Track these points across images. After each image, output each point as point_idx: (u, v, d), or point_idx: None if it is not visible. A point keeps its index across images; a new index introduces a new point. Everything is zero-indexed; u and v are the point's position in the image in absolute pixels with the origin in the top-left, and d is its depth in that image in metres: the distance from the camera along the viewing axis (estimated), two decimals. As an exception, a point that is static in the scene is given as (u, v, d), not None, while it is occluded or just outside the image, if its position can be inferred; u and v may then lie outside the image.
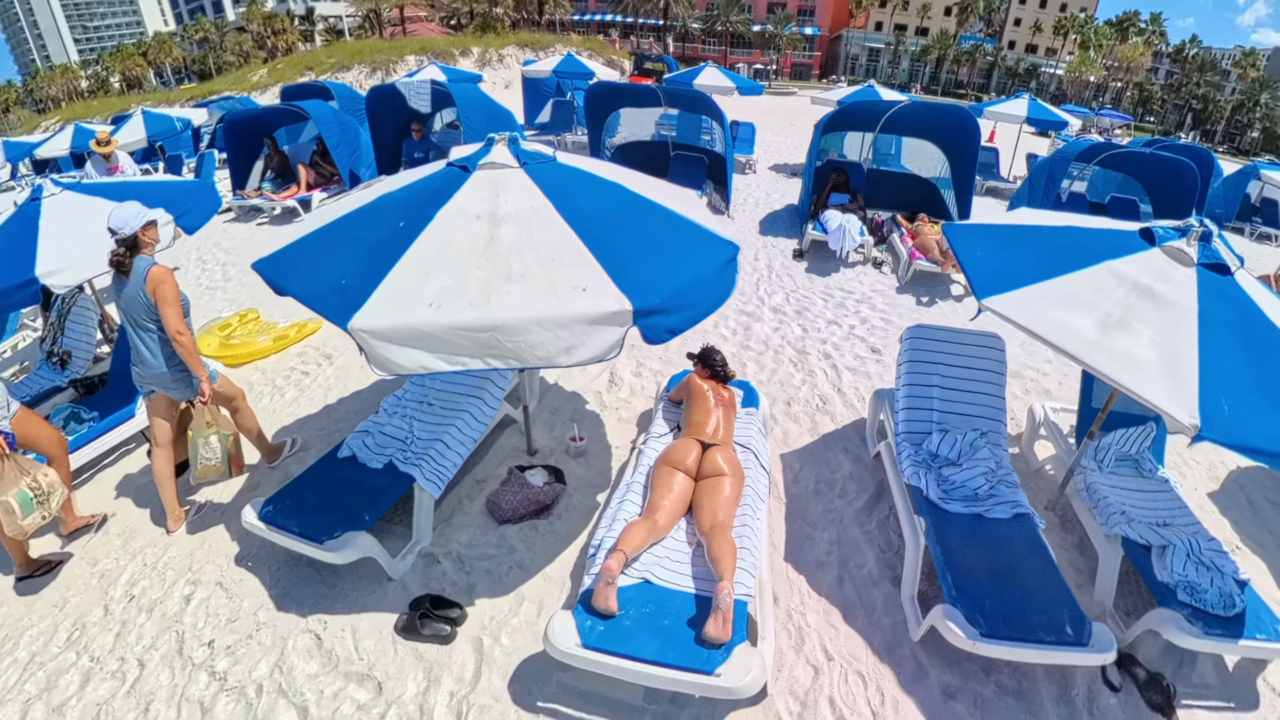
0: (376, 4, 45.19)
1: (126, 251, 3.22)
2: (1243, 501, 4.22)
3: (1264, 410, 2.14)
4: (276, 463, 4.23)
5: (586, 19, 67.30)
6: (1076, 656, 2.57)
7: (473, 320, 2.25)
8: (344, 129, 9.45)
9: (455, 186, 2.76)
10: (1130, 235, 2.78)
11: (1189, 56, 68.94)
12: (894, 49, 70.54)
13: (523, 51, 27.69)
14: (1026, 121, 13.27)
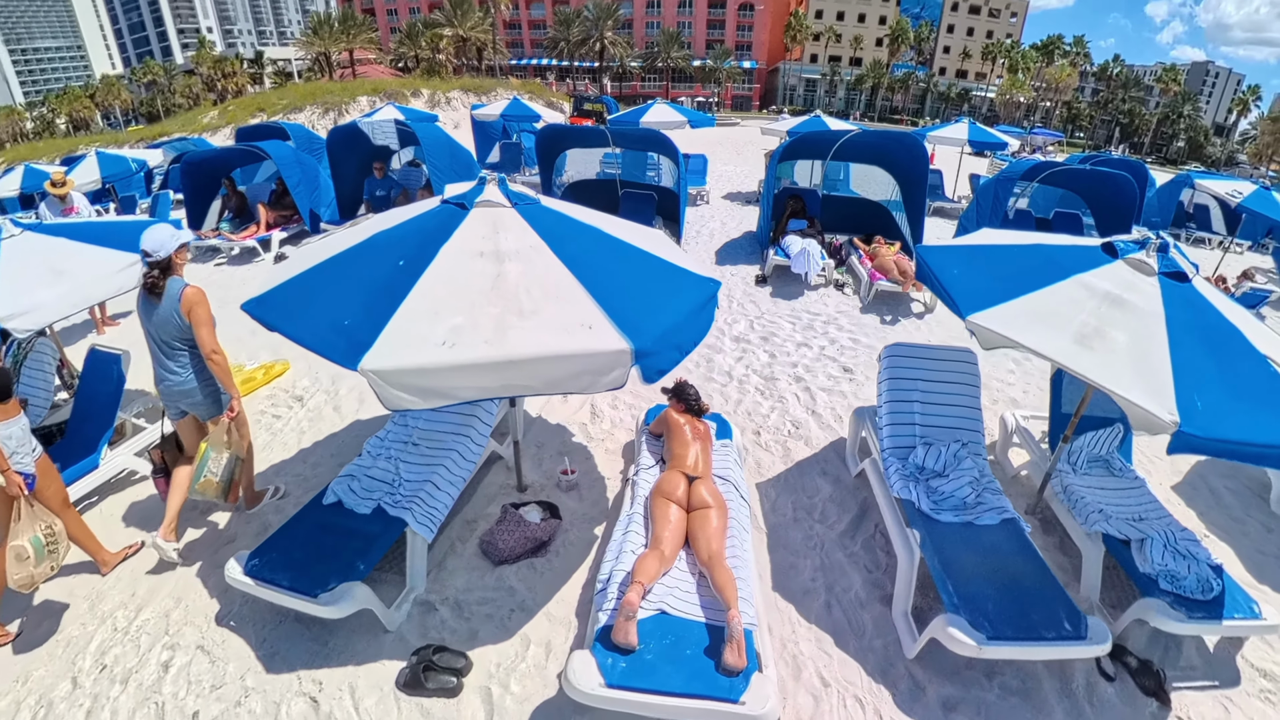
0: (326, 47, 48.01)
1: (160, 273, 3.35)
2: (1205, 492, 4.60)
3: (1232, 404, 2.40)
4: (255, 509, 4.14)
5: (523, 63, 71.80)
6: (1077, 650, 2.76)
7: (489, 357, 2.32)
8: (304, 168, 9.63)
9: (455, 223, 2.86)
10: (1094, 250, 3.08)
11: (1113, 75, 75.38)
12: (830, 79, 75.09)
13: (467, 95, 29.30)
14: (968, 144, 14.16)
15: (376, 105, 23.24)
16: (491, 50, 57.72)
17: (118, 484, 4.44)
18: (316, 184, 9.86)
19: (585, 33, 63.92)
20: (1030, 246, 3.35)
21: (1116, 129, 72.78)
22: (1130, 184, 8.71)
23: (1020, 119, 66.12)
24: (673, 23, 74.64)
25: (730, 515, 3.42)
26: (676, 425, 3.90)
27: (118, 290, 3.92)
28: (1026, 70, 69.10)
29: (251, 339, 6.72)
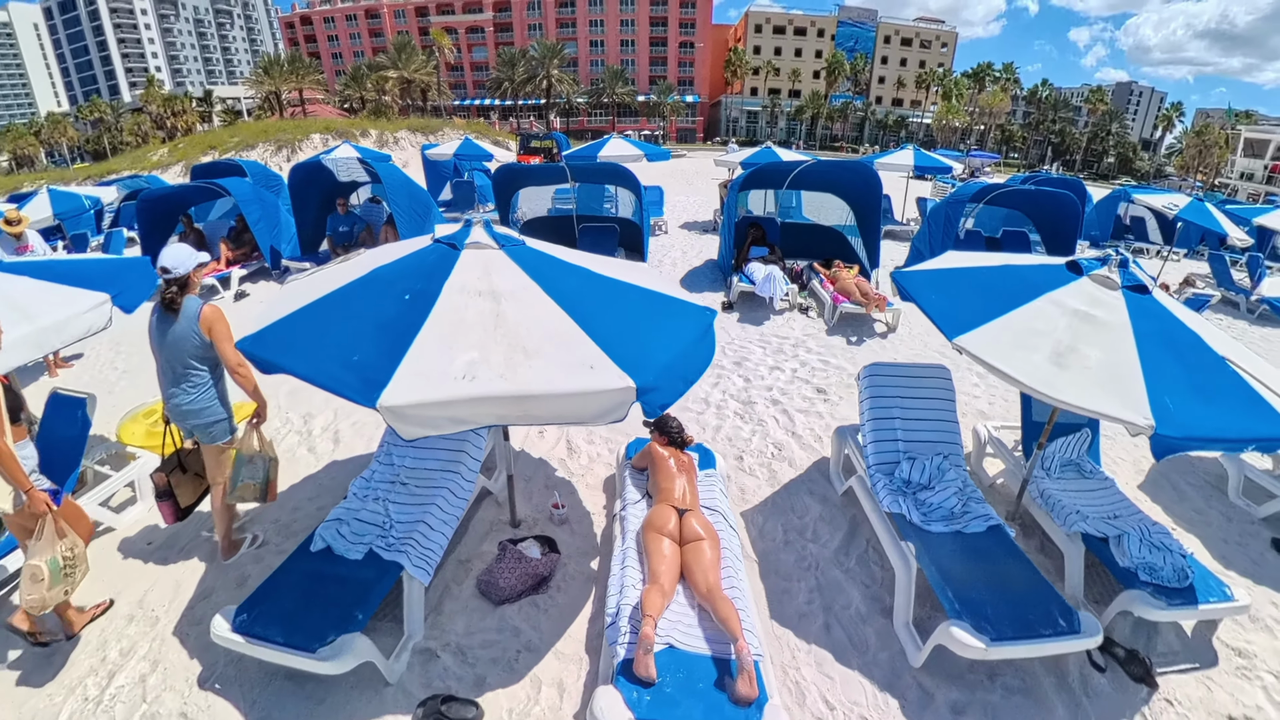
0: (277, 86, 50.21)
1: (179, 291, 3.49)
2: (1168, 488, 4.99)
3: (1199, 403, 2.68)
4: (231, 559, 4.03)
5: (467, 104, 74.46)
6: (1072, 643, 2.98)
7: (506, 391, 2.42)
8: (264, 205, 9.75)
9: (450, 262, 2.95)
10: (1060, 269, 3.40)
11: (1042, 97, 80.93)
12: (771, 110, 78.65)
13: (414, 134, 30.57)
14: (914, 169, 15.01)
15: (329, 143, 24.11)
16: (436, 92, 60.75)
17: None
18: (277, 220, 9.98)
19: (530, 71, 66.74)
20: (1000, 268, 3.66)
21: (1049, 148, 78.25)
22: (1073, 201, 9.44)
23: (957, 143, 70.21)
24: (616, 60, 77.98)
25: (722, 545, 3.52)
26: (661, 459, 3.96)
27: (86, 331, 3.81)
28: (960, 97, 73.76)
29: None
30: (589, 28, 78.54)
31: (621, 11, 77.75)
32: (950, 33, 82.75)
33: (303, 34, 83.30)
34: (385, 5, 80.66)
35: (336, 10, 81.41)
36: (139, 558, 4.07)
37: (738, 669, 2.71)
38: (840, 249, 10.58)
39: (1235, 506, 4.80)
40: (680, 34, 78.92)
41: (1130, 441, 5.63)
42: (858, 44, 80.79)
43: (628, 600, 3.10)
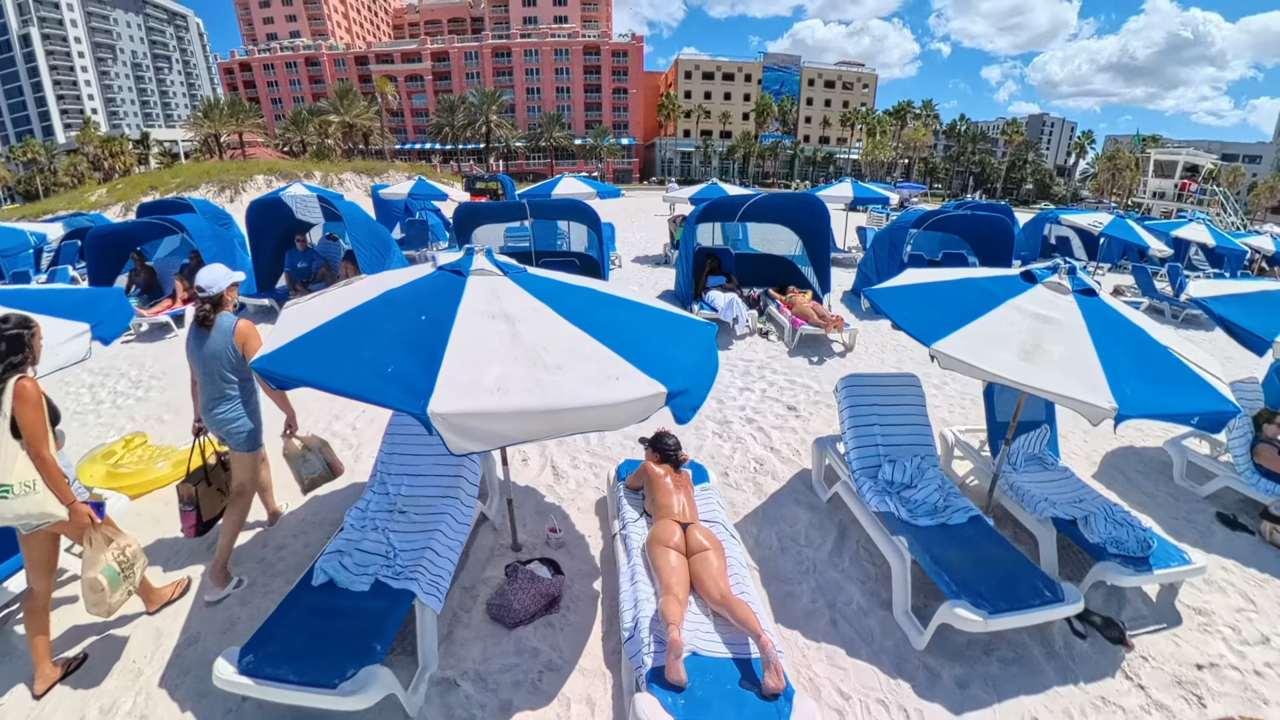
0: (217, 129, 51.19)
1: (211, 308, 3.74)
2: (1120, 476, 5.52)
3: (1150, 386, 3.07)
4: (217, 599, 3.90)
5: (408, 147, 76.85)
6: (1058, 610, 3.30)
7: (537, 404, 2.52)
8: (219, 241, 9.78)
9: (459, 288, 3.06)
10: (1015, 279, 3.81)
11: (961, 131, 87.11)
12: (704, 151, 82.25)
13: (360, 176, 31.17)
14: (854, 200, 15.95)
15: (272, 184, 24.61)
16: (378, 136, 62.77)
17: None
18: (233, 257, 9.97)
19: (470, 117, 68.92)
20: (961, 281, 4.05)
21: (970, 178, 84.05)
22: (1006, 224, 10.31)
23: (884, 176, 74.30)
24: (552, 106, 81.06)
25: (727, 554, 3.65)
26: (656, 477, 4.06)
27: (66, 361, 3.69)
28: (884, 133, 78.44)
29: (175, 418, 6.45)
30: (525, 76, 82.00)
31: (556, 61, 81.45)
32: (871, 75, 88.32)
33: (242, 79, 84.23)
34: (326, 54, 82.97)
35: (276, 58, 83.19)
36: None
37: (763, 664, 2.85)
38: (791, 276, 11.12)
39: (1180, 488, 5.35)
40: (614, 80, 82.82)
41: (1082, 436, 6.15)
42: (783, 87, 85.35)
43: (644, 613, 3.20)
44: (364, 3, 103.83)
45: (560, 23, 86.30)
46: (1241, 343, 4.49)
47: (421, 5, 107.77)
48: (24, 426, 2.92)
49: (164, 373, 7.81)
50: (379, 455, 4.51)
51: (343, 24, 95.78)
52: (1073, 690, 3.28)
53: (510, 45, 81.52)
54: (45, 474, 2.97)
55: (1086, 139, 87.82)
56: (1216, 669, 3.49)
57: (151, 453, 5.54)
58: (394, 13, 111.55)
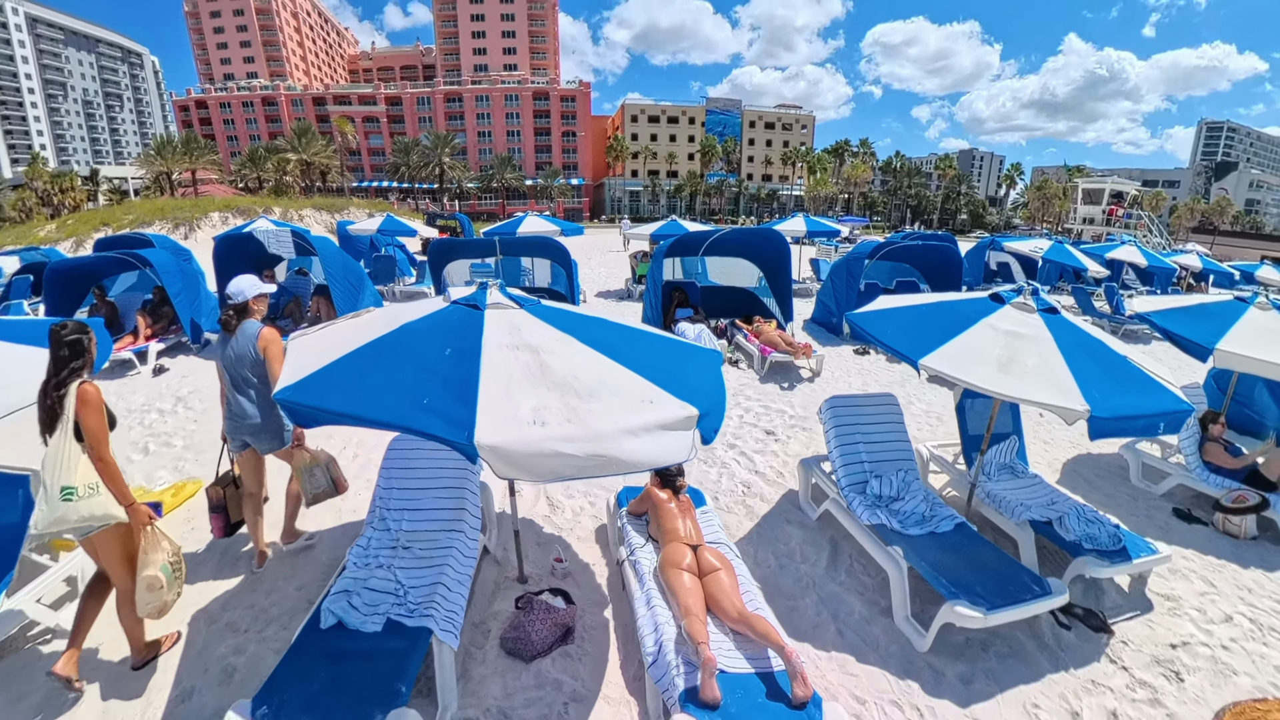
0: (169, 167, 50.84)
1: (234, 315, 3.97)
2: (1082, 481, 5.94)
3: (1116, 390, 3.41)
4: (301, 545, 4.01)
5: (365, 185, 77.95)
6: (1048, 603, 3.57)
7: (575, 434, 2.52)
8: (185, 277, 9.66)
9: (478, 321, 3.06)
10: (985, 300, 4.17)
11: (897, 167, 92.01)
12: (651, 189, 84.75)
13: (320, 213, 31.10)
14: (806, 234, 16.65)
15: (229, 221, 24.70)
16: (336, 174, 63.94)
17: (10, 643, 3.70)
18: (198, 293, 9.86)
19: (425, 158, 70.36)
20: (935, 304, 4.40)
21: (908, 210, 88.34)
22: (955, 252, 10.99)
23: (826, 210, 77.34)
24: (503, 148, 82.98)
25: (737, 572, 3.75)
26: (660, 501, 4.12)
27: None
28: (824, 170, 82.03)
29: (144, 458, 6.22)
30: (476, 120, 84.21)
31: (506, 106, 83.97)
32: (808, 116, 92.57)
33: (197, 117, 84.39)
34: (283, 94, 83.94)
35: (233, 97, 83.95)
36: (86, 661, 3.59)
37: (789, 674, 2.92)
38: (754, 306, 11.54)
39: (1138, 488, 5.81)
40: (563, 124, 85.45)
41: (1043, 446, 6.57)
42: (726, 128, 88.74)
43: (667, 636, 3.21)
44: (321, 48, 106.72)
45: (510, 70, 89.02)
46: (1185, 351, 4.96)
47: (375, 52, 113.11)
48: (86, 430, 3.05)
49: (127, 411, 7.54)
50: (376, 491, 4.38)
51: (300, 66, 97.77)
52: (1065, 676, 3.54)
53: (462, 91, 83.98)
54: (106, 476, 3.10)
55: (1015, 171, 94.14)
56: (1189, 647, 3.83)
57: None
58: (349, 59, 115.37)
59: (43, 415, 3.10)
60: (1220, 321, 4.92)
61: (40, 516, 3.02)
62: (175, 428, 7.05)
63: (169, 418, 7.38)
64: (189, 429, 6.99)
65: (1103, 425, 3.20)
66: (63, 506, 2.99)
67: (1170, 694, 3.48)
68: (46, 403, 3.08)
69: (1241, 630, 4.02)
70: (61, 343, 3.08)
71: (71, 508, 3.00)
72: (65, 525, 3.02)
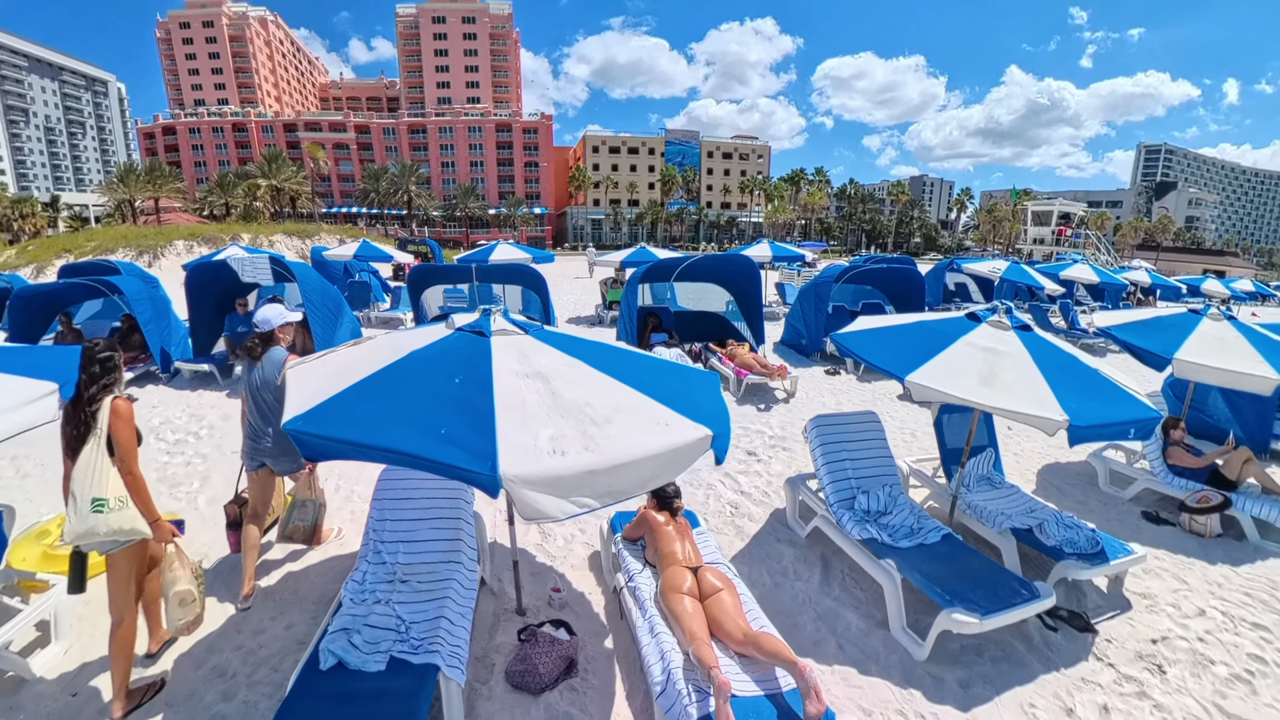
0: (132, 194, 50.29)
1: (260, 343, 4.20)
2: (1054, 490, 6.20)
3: (1090, 400, 3.62)
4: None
5: (335, 210, 78.77)
6: (1036, 606, 3.72)
7: (595, 463, 2.49)
8: (155, 304, 9.47)
9: (484, 349, 3.01)
10: (962, 320, 4.38)
11: (851, 194, 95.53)
12: (613, 218, 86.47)
13: (290, 239, 31.18)
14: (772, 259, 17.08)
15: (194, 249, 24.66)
16: (306, 200, 64.32)
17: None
18: (167, 321, 9.67)
19: (394, 185, 71.79)
20: (915, 324, 4.59)
21: (863, 235, 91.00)
22: (918, 274, 11.42)
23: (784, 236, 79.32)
24: (467, 178, 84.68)
25: (738, 592, 3.70)
26: (658, 524, 4.06)
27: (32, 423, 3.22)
28: (781, 198, 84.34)
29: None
30: (440, 150, 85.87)
31: (470, 137, 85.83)
32: (764, 146, 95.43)
33: (163, 143, 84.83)
34: (254, 120, 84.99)
35: (203, 122, 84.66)
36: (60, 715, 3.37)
37: (803, 690, 2.90)
38: (725, 330, 11.76)
39: (1107, 494, 6.10)
40: (525, 155, 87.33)
41: (1014, 457, 6.82)
42: (685, 158, 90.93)
43: (674, 664, 3.16)
44: (293, 75, 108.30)
45: (473, 103, 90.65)
46: (1144, 362, 5.27)
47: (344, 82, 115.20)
48: (118, 443, 3.12)
49: None
50: (369, 524, 4.22)
51: (272, 93, 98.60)
52: (1057, 676, 3.69)
53: (426, 123, 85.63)
54: (135, 489, 3.16)
55: (966, 195, 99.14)
56: (1168, 641, 4.05)
57: None
58: (320, 87, 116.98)
59: (71, 433, 3.15)
60: (1176, 333, 5.27)
61: (70, 528, 3.04)
62: (146, 460, 6.66)
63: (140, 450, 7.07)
64: (161, 460, 6.72)
65: (1081, 433, 3.39)
66: (93, 518, 3.02)
67: (1155, 686, 3.67)
68: (78, 419, 3.13)
69: (1215, 623, 4.26)
70: (94, 360, 3.19)
71: (102, 520, 3.03)
72: (95, 538, 3.05)
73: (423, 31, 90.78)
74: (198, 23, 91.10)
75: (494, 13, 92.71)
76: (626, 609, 3.86)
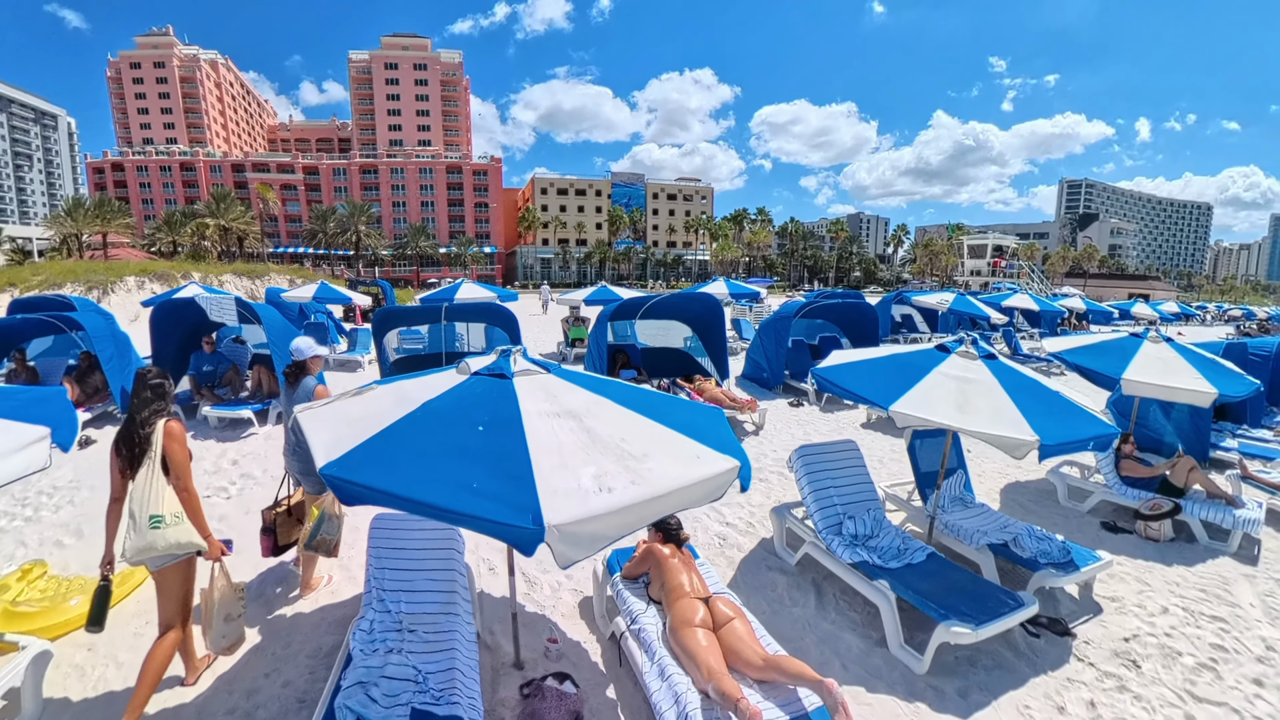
0: (80, 229, 49.60)
1: (295, 370, 4.78)
2: (1018, 507, 6.59)
3: (1056, 420, 3.96)
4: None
5: (281, 250, 78.43)
6: (1023, 613, 4.02)
7: (640, 496, 2.51)
8: (117, 342, 9.18)
9: (509, 391, 2.96)
10: (933, 351, 4.72)
11: (792, 231, 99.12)
12: (562, 257, 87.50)
13: (240, 279, 30.56)
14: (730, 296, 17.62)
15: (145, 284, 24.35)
16: (254, 240, 63.97)
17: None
18: (128, 359, 9.28)
19: (342, 226, 71.73)
20: (889, 357, 4.91)
21: (805, 271, 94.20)
22: (870, 308, 12.02)
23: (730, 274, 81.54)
24: (418, 217, 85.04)
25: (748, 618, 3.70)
26: (664, 558, 4.00)
27: (25, 470, 3.12)
28: (725, 236, 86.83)
29: (77, 542, 5.59)
30: (391, 190, 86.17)
31: (421, 178, 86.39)
32: (707, 188, 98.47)
33: (112, 179, 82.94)
34: (202, 160, 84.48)
35: (151, 160, 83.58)
36: None
37: (830, 708, 2.92)
38: (690, 365, 12.07)
39: (1066, 508, 6.54)
40: (475, 195, 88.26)
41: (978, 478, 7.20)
42: (631, 199, 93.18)
43: (690, 705, 3.08)
44: (242, 117, 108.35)
45: (424, 145, 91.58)
46: (1095, 383, 5.75)
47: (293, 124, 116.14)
48: (173, 461, 3.32)
49: (54, 488, 6.68)
50: (369, 570, 4.07)
51: (221, 134, 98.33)
52: (1045, 678, 3.96)
53: (377, 164, 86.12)
54: (189, 506, 3.34)
55: (902, 231, 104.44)
56: (1139, 638, 4.41)
57: (58, 585, 4.64)
58: (269, 129, 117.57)
59: (126, 454, 3.32)
60: (1122, 355, 5.82)
61: (129, 545, 3.21)
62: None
63: (103, 495, 6.17)
64: None
65: (1050, 450, 3.72)
66: (151, 534, 3.21)
67: (1133, 679, 4.00)
68: (133, 441, 3.32)
69: (1178, 619, 4.65)
70: (146, 385, 3.39)
71: (159, 535, 3.22)
72: (153, 552, 3.22)
73: (375, 77, 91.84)
74: (149, 63, 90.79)
75: (445, 60, 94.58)
76: (629, 654, 3.71)
